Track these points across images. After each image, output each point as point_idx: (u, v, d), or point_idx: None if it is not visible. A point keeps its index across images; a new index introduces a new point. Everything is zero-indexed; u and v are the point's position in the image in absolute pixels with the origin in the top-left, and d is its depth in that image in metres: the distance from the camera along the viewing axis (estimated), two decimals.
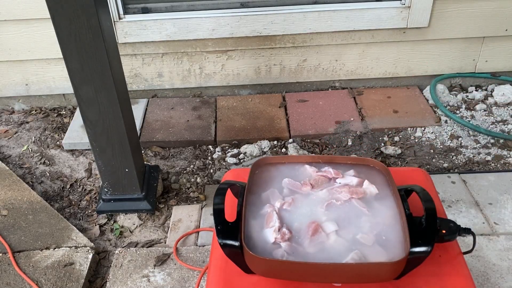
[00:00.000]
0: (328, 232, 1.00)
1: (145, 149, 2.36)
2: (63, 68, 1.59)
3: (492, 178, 2.08)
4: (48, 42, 2.39)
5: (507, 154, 2.23)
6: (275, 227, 0.99)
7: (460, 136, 2.35)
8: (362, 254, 0.96)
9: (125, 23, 2.37)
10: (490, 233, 1.84)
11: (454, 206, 1.95)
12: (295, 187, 1.11)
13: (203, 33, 2.41)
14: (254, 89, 2.69)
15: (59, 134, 2.46)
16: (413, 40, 2.50)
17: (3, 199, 2.01)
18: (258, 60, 2.56)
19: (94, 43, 1.49)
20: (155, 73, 2.58)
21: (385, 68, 2.60)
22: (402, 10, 2.38)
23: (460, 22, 2.43)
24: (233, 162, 2.24)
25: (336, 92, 2.65)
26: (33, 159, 2.31)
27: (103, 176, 1.86)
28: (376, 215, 1.03)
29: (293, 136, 2.37)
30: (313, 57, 2.55)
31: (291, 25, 2.40)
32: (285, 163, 1.18)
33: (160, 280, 1.71)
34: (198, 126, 2.44)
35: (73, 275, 1.71)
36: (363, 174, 1.13)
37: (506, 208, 1.94)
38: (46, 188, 2.16)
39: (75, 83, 1.59)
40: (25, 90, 2.60)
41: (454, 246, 1.07)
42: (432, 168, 2.18)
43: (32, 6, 2.29)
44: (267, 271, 0.97)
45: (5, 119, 2.60)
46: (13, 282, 1.69)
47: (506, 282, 1.67)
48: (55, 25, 1.46)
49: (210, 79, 2.61)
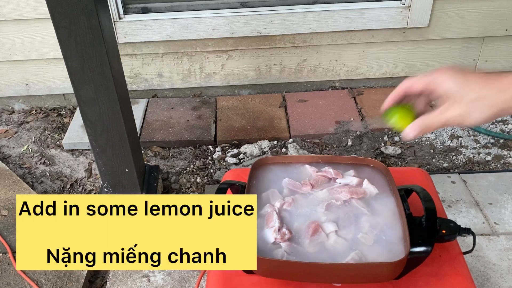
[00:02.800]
0: (328, 232, 1.00)
1: (145, 149, 2.35)
2: (63, 68, 1.59)
3: (492, 178, 2.08)
4: (48, 42, 2.39)
5: (507, 154, 2.23)
6: (275, 227, 0.99)
7: (460, 136, 2.35)
8: (362, 254, 0.96)
9: (125, 23, 2.37)
10: (490, 233, 1.84)
11: (454, 206, 1.95)
12: (295, 187, 1.11)
13: (203, 33, 2.41)
14: (254, 89, 2.69)
15: (59, 134, 2.46)
16: (413, 40, 2.50)
17: (3, 199, 2.01)
18: (258, 60, 2.56)
19: (94, 43, 1.49)
20: (155, 73, 2.58)
21: (385, 68, 2.60)
22: (402, 10, 2.38)
23: (460, 22, 2.42)
24: (233, 162, 2.24)
25: (336, 92, 2.65)
26: (33, 159, 2.31)
27: (103, 176, 1.86)
28: (376, 215, 1.03)
29: (293, 136, 2.37)
30: (313, 57, 2.55)
31: (291, 25, 2.40)
32: (285, 163, 1.17)
33: (160, 280, 1.71)
34: (198, 126, 2.44)
35: (73, 275, 1.71)
36: (363, 174, 1.13)
37: (506, 208, 1.94)
38: (46, 188, 2.16)
39: (75, 83, 1.59)
40: (25, 90, 2.60)
41: (454, 246, 1.07)
42: (432, 168, 2.18)
43: (32, 6, 2.29)
44: (267, 271, 0.97)
45: (5, 119, 2.60)
46: (13, 282, 1.69)
47: (506, 282, 1.67)
48: (55, 25, 1.46)
49: (210, 79, 2.61)
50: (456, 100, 0.72)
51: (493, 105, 0.70)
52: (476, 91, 0.70)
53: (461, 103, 0.71)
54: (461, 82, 0.72)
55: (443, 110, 0.73)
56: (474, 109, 0.71)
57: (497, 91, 0.70)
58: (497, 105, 0.70)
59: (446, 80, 0.73)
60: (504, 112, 0.71)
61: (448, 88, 0.73)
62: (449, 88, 0.72)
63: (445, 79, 0.74)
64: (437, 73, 0.76)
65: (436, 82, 0.75)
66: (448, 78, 0.73)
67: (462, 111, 0.72)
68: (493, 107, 0.70)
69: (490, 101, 0.70)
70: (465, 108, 0.71)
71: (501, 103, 0.70)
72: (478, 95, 0.70)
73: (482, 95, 0.70)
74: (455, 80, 0.72)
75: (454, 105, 0.72)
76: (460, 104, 0.71)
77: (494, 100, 0.70)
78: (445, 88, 0.73)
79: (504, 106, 0.70)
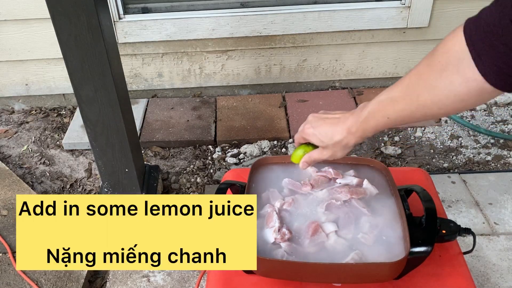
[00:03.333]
0: (328, 232, 1.00)
1: (145, 149, 2.36)
2: (63, 68, 1.59)
3: (492, 178, 2.08)
4: (48, 42, 2.39)
5: (507, 154, 2.23)
6: (275, 227, 0.99)
7: (460, 136, 2.35)
8: (362, 254, 0.96)
9: (125, 23, 2.37)
10: (490, 233, 1.84)
11: (454, 206, 1.95)
12: (295, 187, 1.11)
13: (203, 33, 2.41)
14: (254, 89, 2.69)
15: (59, 134, 2.46)
16: (413, 40, 2.50)
17: (3, 199, 2.01)
18: (258, 60, 2.56)
19: (94, 43, 1.49)
20: (155, 73, 2.58)
21: (385, 68, 2.60)
22: (402, 10, 2.38)
23: (460, 22, 2.42)
24: (233, 162, 2.24)
25: (336, 92, 2.65)
26: (33, 159, 2.31)
27: (103, 176, 1.86)
28: (376, 215, 1.03)
29: (293, 136, 2.37)
30: (313, 57, 2.55)
31: (291, 25, 2.40)
32: (285, 163, 1.18)
33: (160, 280, 1.71)
34: (198, 126, 2.44)
35: (73, 275, 1.71)
36: (363, 174, 1.13)
37: (506, 208, 1.94)
38: (46, 188, 2.16)
39: (75, 83, 1.59)
40: (25, 90, 2.60)
41: (454, 246, 1.07)
42: (432, 168, 2.18)
43: (32, 6, 2.29)
44: (267, 271, 0.97)
45: (5, 119, 2.60)
46: (13, 282, 1.69)
47: (506, 282, 1.67)
48: (55, 25, 1.46)
49: (210, 79, 2.61)
50: (323, 147, 0.98)
51: (347, 144, 0.94)
52: (331, 138, 0.94)
53: (327, 149, 0.97)
54: (321, 134, 0.96)
55: (320, 151, 0.99)
56: (336, 151, 0.96)
57: (347, 134, 0.92)
58: (351, 142, 0.93)
59: (311, 137, 0.99)
60: (362, 139, 0.93)
61: (315, 141, 0.99)
62: (315, 142, 0.99)
63: (310, 136, 0.99)
64: (304, 131, 1.00)
65: (308, 140, 1.01)
66: (312, 135, 0.98)
67: (330, 154, 0.97)
68: (349, 146, 0.94)
69: (344, 143, 0.93)
70: (330, 152, 0.97)
71: (353, 140, 0.92)
72: (335, 140, 0.94)
73: (337, 140, 0.94)
74: (317, 136, 0.97)
75: (324, 150, 0.98)
76: (326, 149, 0.97)
77: (346, 141, 0.93)
78: (313, 141, 0.99)
79: (358, 140, 0.92)
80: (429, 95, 0.78)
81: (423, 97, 0.79)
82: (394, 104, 0.84)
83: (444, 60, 0.75)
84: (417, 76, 0.80)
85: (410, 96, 0.81)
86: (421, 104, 0.80)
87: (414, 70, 0.81)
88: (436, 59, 0.77)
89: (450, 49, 0.75)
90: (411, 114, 0.83)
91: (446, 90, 0.75)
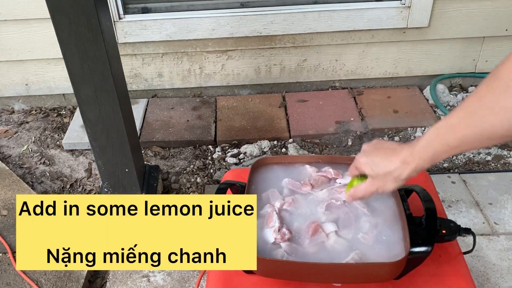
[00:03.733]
0: (328, 232, 1.00)
1: (145, 149, 2.36)
2: (63, 68, 1.59)
3: (492, 178, 2.08)
4: (48, 42, 2.39)
5: (507, 154, 2.23)
6: (275, 227, 0.99)
7: None
8: (362, 254, 0.96)
9: (125, 23, 2.37)
10: (490, 233, 1.84)
11: (454, 206, 1.95)
12: (295, 187, 1.11)
13: (203, 33, 2.41)
14: (254, 89, 2.69)
15: (59, 134, 2.46)
16: (413, 40, 2.50)
17: (3, 199, 2.01)
18: (258, 60, 2.56)
19: (94, 43, 1.49)
20: (155, 73, 2.58)
21: (385, 68, 2.60)
22: (402, 10, 2.38)
23: (460, 22, 2.42)
24: (233, 162, 2.24)
25: (336, 92, 2.65)
26: (33, 159, 2.31)
27: (103, 176, 1.86)
28: (376, 215, 1.03)
29: (293, 136, 2.37)
30: (313, 57, 2.55)
31: (291, 25, 2.40)
32: (285, 163, 1.18)
33: (160, 280, 1.71)
34: (198, 126, 2.44)
35: (73, 275, 1.71)
36: None
37: (506, 208, 1.94)
38: (46, 188, 2.16)
39: (75, 83, 1.59)
40: (25, 90, 2.60)
41: (454, 246, 1.07)
42: (432, 168, 2.18)
43: (32, 6, 2.29)
44: (267, 271, 0.97)
45: (5, 119, 2.60)
46: (13, 282, 1.69)
47: (506, 282, 1.67)
48: (55, 25, 1.46)
49: (210, 79, 2.61)
50: (373, 178, 0.94)
51: (399, 176, 0.89)
52: (383, 168, 0.91)
53: (377, 180, 0.93)
54: (373, 164, 0.93)
55: (367, 184, 0.95)
56: (386, 182, 0.92)
57: (400, 164, 0.88)
58: (404, 174, 0.88)
59: (363, 166, 0.95)
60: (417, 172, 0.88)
61: (366, 172, 0.95)
62: (366, 172, 0.95)
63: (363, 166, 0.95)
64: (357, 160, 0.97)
65: (360, 170, 0.97)
66: (364, 164, 0.95)
67: (379, 185, 0.93)
68: (400, 178, 0.89)
69: (396, 174, 0.89)
70: (380, 183, 0.93)
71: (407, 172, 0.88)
72: (387, 171, 0.90)
73: (389, 170, 0.90)
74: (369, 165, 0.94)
75: (373, 181, 0.94)
76: (376, 180, 0.93)
77: (399, 172, 0.88)
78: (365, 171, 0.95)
79: (411, 173, 0.88)
80: (493, 117, 0.73)
81: (487, 119, 0.74)
82: (454, 130, 0.79)
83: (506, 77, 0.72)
84: (477, 99, 0.76)
85: (472, 120, 0.76)
86: (486, 128, 0.75)
87: (472, 96, 0.77)
88: (497, 79, 0.74)
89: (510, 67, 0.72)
90: (473, 140, 0.78)
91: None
